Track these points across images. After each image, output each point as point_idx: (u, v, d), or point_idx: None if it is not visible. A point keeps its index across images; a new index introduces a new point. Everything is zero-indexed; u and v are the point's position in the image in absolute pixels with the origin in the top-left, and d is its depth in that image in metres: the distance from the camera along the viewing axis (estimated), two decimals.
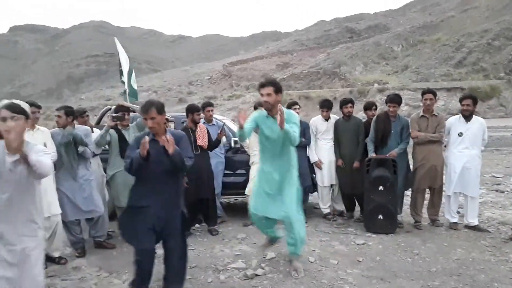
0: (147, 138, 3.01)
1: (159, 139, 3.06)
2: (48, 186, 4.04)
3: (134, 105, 5.35)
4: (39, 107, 4.45)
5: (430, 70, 39.24)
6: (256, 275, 3.82)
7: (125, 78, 6.71)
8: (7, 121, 2.35)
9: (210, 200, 5.27)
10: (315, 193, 6.12)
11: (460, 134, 5.11)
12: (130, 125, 5.08)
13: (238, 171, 5.95)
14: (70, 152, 4.46)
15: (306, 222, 5.56)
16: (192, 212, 5.25)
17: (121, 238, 5.00)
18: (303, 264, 4.03)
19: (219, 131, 5.31)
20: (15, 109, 2.43)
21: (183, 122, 6.08)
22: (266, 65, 54.53)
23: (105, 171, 5.26)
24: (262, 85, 3.70)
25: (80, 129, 4.64)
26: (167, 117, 5.39)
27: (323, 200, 5.87)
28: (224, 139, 5.48)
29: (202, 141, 5.15)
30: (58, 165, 4.36)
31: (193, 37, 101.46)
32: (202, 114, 5.49)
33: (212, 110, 5.87)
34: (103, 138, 4.76)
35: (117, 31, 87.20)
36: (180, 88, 31.68)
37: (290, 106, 5.66)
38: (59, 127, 4.54)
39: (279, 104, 3.58)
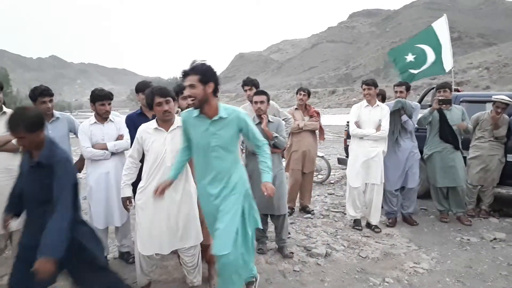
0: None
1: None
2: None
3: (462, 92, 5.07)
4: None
5: None
6: None
7: (447, 54, 6.59)
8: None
9: None
10: None
11: None
12: (453, 105, 4.97)
13: None
14: (397, 121, 4.75)
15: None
16: None
17: (431, 217, 5.11)
18: None
19: None
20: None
21: None
22: None
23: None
24: (183, 74, 2.50)
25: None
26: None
27: None
28: None
29: None
30: None
31: None
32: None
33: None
34: (425, 119, 4.90)
35: (449, 5, 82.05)
36: None
37: None
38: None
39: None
